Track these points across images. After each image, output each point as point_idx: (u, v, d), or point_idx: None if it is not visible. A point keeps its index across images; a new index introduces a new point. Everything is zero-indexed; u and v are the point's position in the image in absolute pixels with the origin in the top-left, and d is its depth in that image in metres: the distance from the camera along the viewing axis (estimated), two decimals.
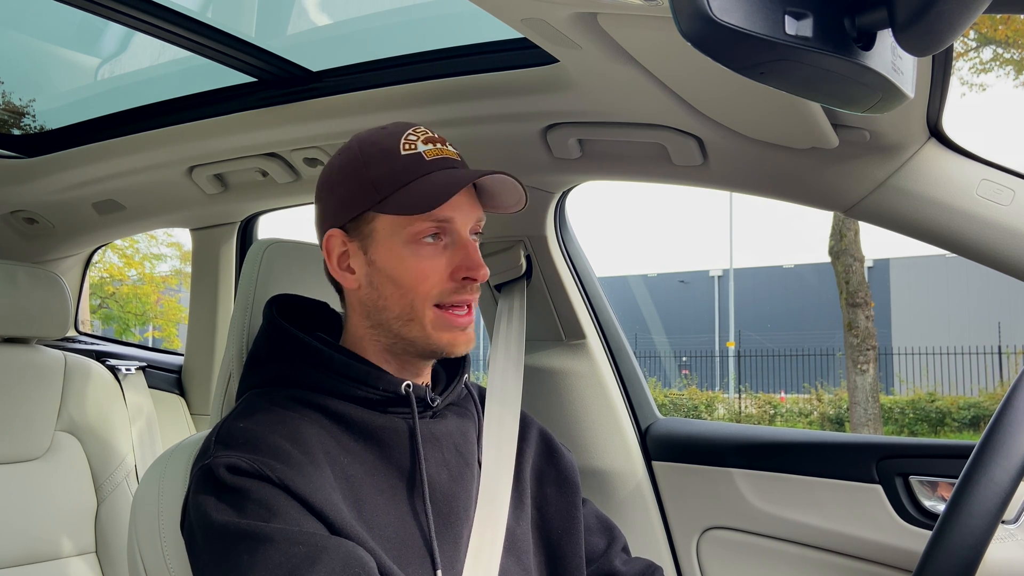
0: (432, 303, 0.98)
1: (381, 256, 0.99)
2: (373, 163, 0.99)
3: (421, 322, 0.98)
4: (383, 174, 0.98)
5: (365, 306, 1.02)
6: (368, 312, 1.02)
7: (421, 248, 0.98)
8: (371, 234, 1.00)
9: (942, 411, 11.03)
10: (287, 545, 0.82)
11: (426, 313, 0.98)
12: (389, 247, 0.99)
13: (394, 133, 1.02)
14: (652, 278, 21.99)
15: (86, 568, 1.69)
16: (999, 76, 12.07)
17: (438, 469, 1.01)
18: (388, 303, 0.99)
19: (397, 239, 0.98)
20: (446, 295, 0.98)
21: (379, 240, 0.99)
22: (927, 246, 1.28)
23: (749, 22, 0.47)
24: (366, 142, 1.02)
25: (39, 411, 1.71)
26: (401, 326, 0.99)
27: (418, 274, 0.98)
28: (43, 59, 1.90)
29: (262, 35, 1.47)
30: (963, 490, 0.92)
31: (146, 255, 12.23)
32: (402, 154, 0.99)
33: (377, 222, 0.99)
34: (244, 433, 0.92)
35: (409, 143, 1.00)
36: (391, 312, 0.99)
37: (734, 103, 1.17)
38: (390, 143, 1.00)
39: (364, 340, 1.03)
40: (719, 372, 17.61)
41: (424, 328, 0.99)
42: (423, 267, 0.98)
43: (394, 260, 0.98)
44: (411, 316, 0.99)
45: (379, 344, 1.02)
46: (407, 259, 0.98)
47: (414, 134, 1.01)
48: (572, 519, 1.14)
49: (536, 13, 0.97)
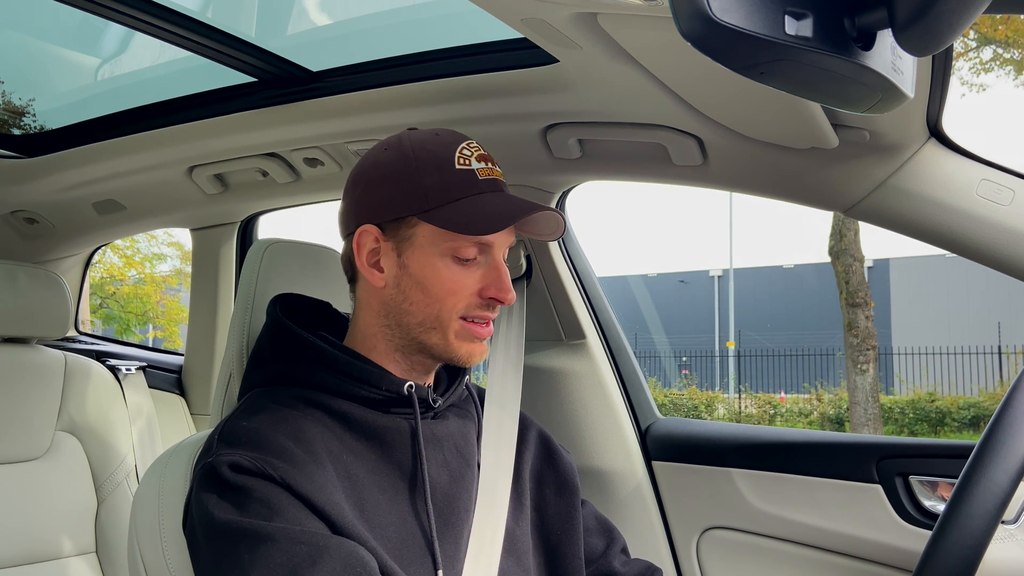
0: (458, 316, 0.99)
1: (415, 262, 0.99)
2: (426, 170, 0.99)
3: (444, 331, 1.00)
4: (435, 184, 0.98)
5: (387, 306, 1.02)
6: (388, 312, 1.02)
7: (457, 263, 0.99)
8: (410, 239, 1.00)
9: (942, 411, 11.03)
10: (289, 544, 0.82)
11: (451, 324, 0.99)
12: (426, 255, 0.99)
13: (449, 143, 1.01)
14: (652, 278, 21.99)
15: (86, 568, 1.69)
16: (999, 76, 12.08)
17: (439, 469, 1.02)
18: (413, 308, 1.00)
19: (435, 250, 0.99)
20: (471, 310, 1.00)
21: (417, 246, 0.99)
22: (927, 246, 1.29)
23: (749, 22, 0.47)
24: (419, 146, 1.01)
25: (39, 411, 1.71)
26: (422, 332, 1.00)
27: (451, 287, 0.98)
28: (43, 59, 1.90)
29: (262, 35, 1.47)
30: (963, 490, 0.92)
31: (146, 255, 12.23)
32: (456, 167, 0.99)
33: (419, 229, 0.99)
34: (247, 432, 0.92)
35: (464, 158, 1.00)
36: (414, 318, 1.00)
37: (734, 103, 1.17)
38: (445, 153, 1.00)
39: (376, 337, 1.03)
40: (719, 372, 17.61)
41: (446, 337, 1.00)
42: (455, 281, 0.99)
43: (428, 269, 0.99)
44: (434, 325, 0.99)
45: (391, 343, 1.03)
46: (442, 271, 0.99)
47: (468, 149, 1.01)
48: (571, 520, 1.14)
49: (536, 13, 0.97)
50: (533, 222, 1.05)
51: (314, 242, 1.21)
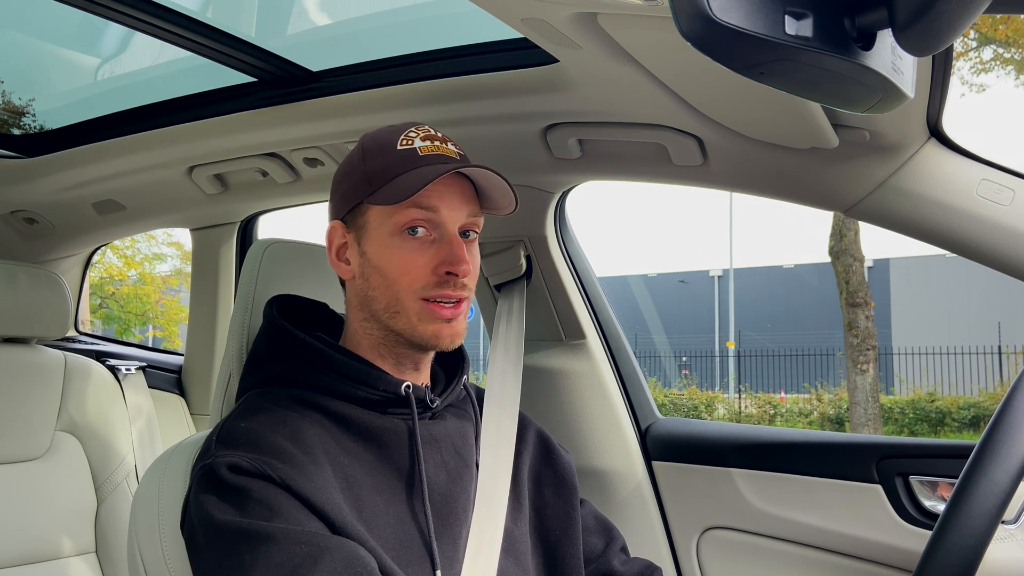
0: (417, 296, 0.99)
1: (371, 247, 1.01)
2: (370, 157, 1.02)
3: (407, 314, 0.99)
4: (377, 167, 1.00)
5: (359, 297, 1.04)
6: (361, 303, 1.04)
7: (406, 241, 0.99)
8: (364, 225, 1.02)
9: (942, 411, 11.03)
10: (289, 544, 0.82)
11: (411, 305, 0.99)
12: (378, 238, 1.01)
13: (396, 130, 1.04)
14: (652, 278, 21.99)
15: (86, 568, 1.69)
16: (999, 76, 12.08)
17: (437, 470, 1.02)
18: (376, 294, 1.01)
19: (384, 230, 1.00)
20: (429, 289, 0.99)
21: (370, 231, 1.01)
22: (927, 246, 1.28)
23: (749, 22, 0.47)
24: (369, 138, 1.05)
25: (39, 411, 1.71)
26: (388, 318, 1.01)
27: (402, 266, 0.99)
28: (43, 59, 1.90)
29: (262, 35, 1.47)
30: (963, 490, 0.92)
31: (146, 255, 12.23)
32: (398, 149, 1.01)
33: (370, 213, 1.01)
34: (245, 433, 0.92)
35: (408, 139, 1.02)
36: (379, 303, 1.01)
37: (734, 103, 1.17)
38: (389, 139, 1.03)
39: (359, 334, 1.04)
40: (719, 372, 17.61)
41: (409, 320, 0.99)
42: (406, 260, 0.99)
43: (381, 251, 1.00)
44: (397, 308, 1.00)
45: (372, 338, 1.03)
46: (392, 251, 1.00)
47: (415, 131, 1.03)
48: (570, 520, 1.14)
49: (536, 13, 0.97)
50: (489, 196, 1.04)
51: (314, 242, 1.21)
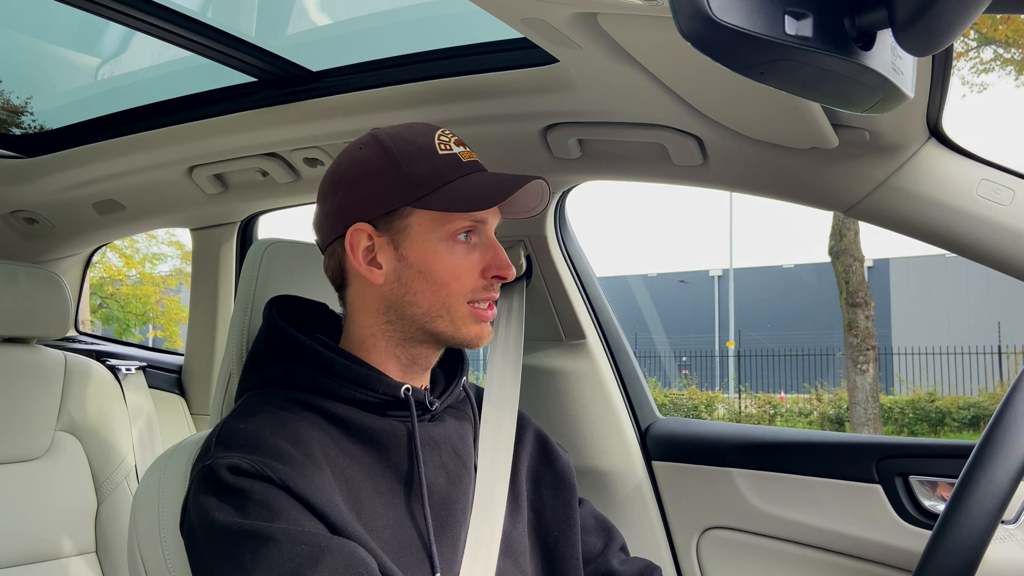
0: (466, 299, 1.00)
1: (415, 252, 0.99)
2: (411, 160, 0.99)
3: (452, 317, 1.00)
4: (424, 171, 0.99)
5: (387, 301, 1.01)
6: (389, 307, 1.01)
7: (456, 246, 1.00)
8: (405, 229, 1.00)
9: (942, 411, 11.02)
10: (290, 544, 0.82)
11: (459, 309, 1.00)
12: (425, 243, 0.99)
13: (425, 132, 1.02)
14: (652, 278, 21.99)
15: (86, 568, 1.69)
16: (999, 76, 12.08)
17: (436, 472, 1.01)
18: (418, 299, 1.00)
19: (433, 236, 0.99)
20: (477, 292, 1.01)
21: (414, 236, 0.99)
22: (927, 246, 1.28)
23: (749, 22, 0.47)
24: (398, 139, 1.01)
25: (39, 411, 1.71)
26: (428, 321, 1.00)
27: (454, 271, 0.99)
28: (43, 59, 1.90)
29: (262, 35, 1.47)
30: (963, 490, 0.92)
31: (146, 255, 12.23)
32: (440, 153, 1.01)
33: (413, 218, 0.99)
34: (245, 434, 0.92)
35: (443, 143, 1.02)
36: (420, 308, 1.00)
37: (734, 103, 1.17)
38: (425, 142, 1.01)
39: (375, 336, 1.03)
40: (719, 372, 17.61)
41: (454, 322, 1.00)
42: (458, 264, 1.00)
43: (431, 256, 0.99)
44: (441, 312, 1.00)
45: (392, 339, 1.02)
46: (444, 256, 0.99)
47: (445, 136, 1.03)
48: (568, 521, 1.14)
49: (536, 13, 0.97)
50: (519, 199, 1.07)
51: (314, 242, 1.21)
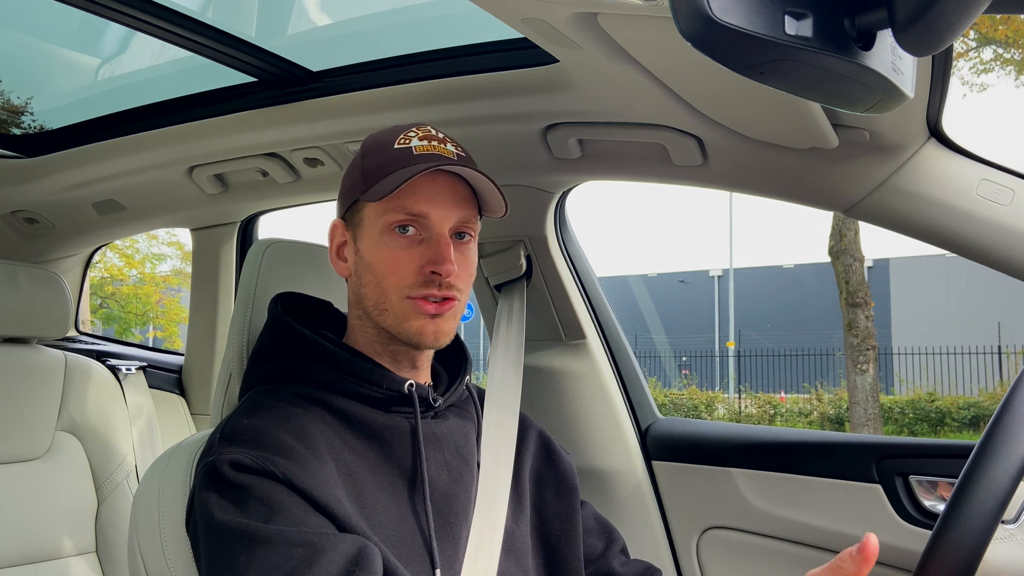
0: (404, 295, 1.00)
1: (365, 245, 1.03)
2: (368, 155, 1.03)
3: (393, 311, 1.00)
4: (373, 164, 1.02)
5: (354, 295, 1.05)
6: (356, 301, 1.05)
7: (395, 239, 1.00)
8: (360, 223, 1.04)
9: (942, 411, 11.03)
10: (285, 547, 0.82)
11: (397, 303, 1.00)
12: (371, 236, 1.02)
13: (398, 130, 1.05)
14: (652, 278, 21.99)
15: (86, 568, 1.69)
16: (999, 76, 12.08)
17: (438, 469, 1.02)
18: (367, 291, 1.02)
19: (376, 228, 1.01)
20: (415, 288, 0.99)
21: (364, 229, 1.03)
22: (927, 246, 1.28)
23: (749, 22, 0.47)
24: (371, 138, 1.07)
25: (39, 411, 1.71)
26: (377, 315, 1.02)
27: (389, 264, 1.00)
28: (43, 59, 1.90)
29: (262, 35, 1.47)
30: (963, 490, 0.92)
31: (147, 255, 12.23)
32: (394, 147, 1.02)
33: (364, 211, 1.03)
34: (248, 429, 0.92)
35: (405, 138, 1.03)
36: (369, 300, 1.02)
37: (734, 103, 1.17)
38: (388, 138, 1.04)
39: (356, 331, 1.06)
40: (719, 372, 17.61)
41: (396, 317, 1.00)
42: (394, 257, 1.00)
43: (373, 249, 1.01)
44: (384, 305, 1.01)
45: (367, 335, 1.04)
46: (382, 248, 1.01)
47: (414, 131, 1.04)
48: (570, 521, 1.14)
49: (536, 13, 0.97)
50: (485, 198, 1.04)
51: (314, 242, 1.21)
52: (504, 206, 1.04)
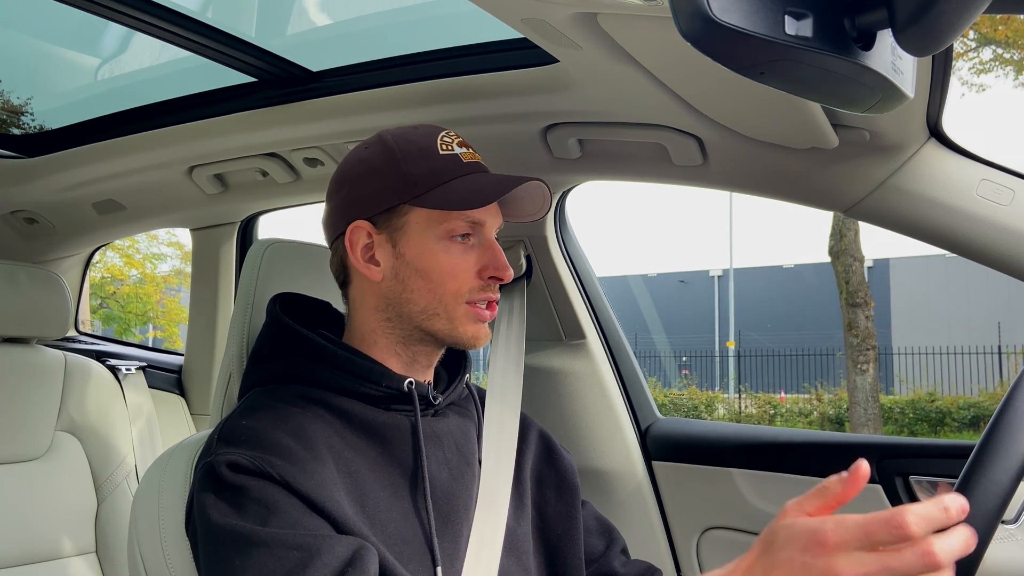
0: (463, 299, 1.00)
1: (412, 249, 1.01)
2: (412, 159, 1.01)
3: (448, 316, 1.00)
4: (423, 171, 1.00)
5: (386, 299, 1.02)
6: (388, 304, 1.02)
7: (452, 246, 1.00)
8: (403, 227, 1.01)
9: (942, 411, 11.03)
10: (281, 550, 0.82)
11: (455, 308, 1.00)
12: (422, 241, 1.00)
13: (429, 133, 1.04)
14: (652, 278, 21.99)
15: (86, 568, 1.69)
16: (999, 76, 12.08)
17: (439, 467, 1.02)
18: (414, 296, 1.01)
19: (430, 234, 1.00)
20: (474, 292, 1.01)
21: (411, 233, 1.01)
22: (927, 246, 1.28)
23: (749, 22, 0.47)
24: (401, 139, 1.03)
25: (39, 411, 1.71)
26: (425, 319, 1.01)
27: (450, 270, 1.00)
28: (43, 59, 1.90)
29: (262, 35, 1.47)
30: (963, 490, 0.92)
31: (147, 255, 12.24)
32: (440, 153, 1.01)
33: (411, 216, 1.00)
34: (247, 430, 0.92)
35: (445, 144, 1.03)
36: (416, 305, 1.01)
37: (734, 103, 1.17)
38: (427, 142, 1.03)
39: (375, 333, 1.04)
40: (719, 372, 17.61)
41: (452, 322, 1.01)
42: (454, 264, 1.00)
43: (426, 255, 1.00)
44: (437, 311, 1.00)
45: (392, 336, 1.03)
46: (439, 255, 1.00)
47: (448, 136, 1.04)
48: (571, 521, 1.14)
49: (536, 13, 0.97)
50: (520, 202, 1.07)
51: (314, 242, 1.21)
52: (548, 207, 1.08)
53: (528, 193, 1.05)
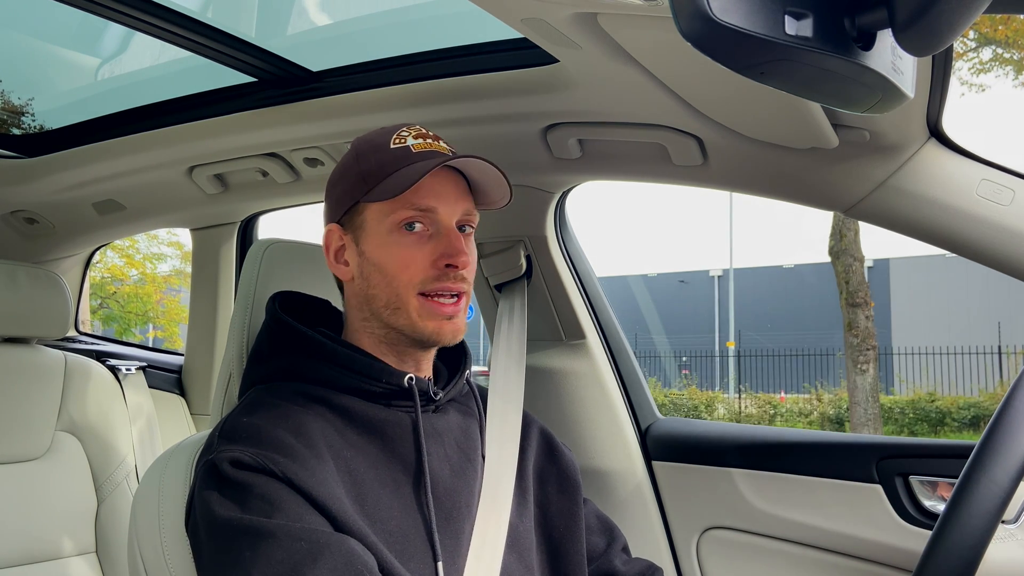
0: (416, 291, 1.00)
1: (370, 246, 1.02)
2: (363, 157, 1.03)
3: (407, 310, 1.00)
4: (371, 166, 1.02)
5: (359, 297, 1.04)
6: (361, 303, 1.04)
7: (404, 236, 1.00)
8: (361, 225, 1.03)
9: (942, 411, 11.03)
10: (289, 541, 0.82)
11: (411, 301, 1.00)
12: (376, 236, 1.01)
13: (388, 131, 1.05)
14: (652, 278, 22.00)
15: (86, 568, 1.69)
16: (999, 76, 12.07)
17: (440, 463, 1.02)
18: (377, 292, 1.01)
19: (382, 228, 1.01)
20: (428, 283, 1.00)
21: (368, 230, 1.02)
22: (927, 246, 1.29)
23: (749, 22, 0.47)
24: (362, 140, 1.06)
25: (39, 411, 1.71)
26: (389, 315, 1.01)
27: (400, 261, 1.00)
28: (43, 59, 1.90)
29: (262, 35, 1.47)
30: (963, 490, 0.92)
31: (147, 255, 12.23)
32: (391, 147, 1.02)
33: (367, 213, 1.02)
34: (248, 428, 0.92)
35: (400, 138, 1.03)
36: (379, 301, 1.01)
37: (734, 103, 1.17)
38: (382, 139, 1.04)
39: (360, 333, 1.05)
40: (719, 372, 17.61)
41: (410, 316, 1.00)
42: (404, 255, 1.00)
43: (380, 249, 1.01)
44: (397, 304, 1.00)
45: (374, 336, 1.04)
46: (391, 247, 1.00)
47: (407, 131, 1.05)
48: (574, 518, 1.14)
49: (536, 13, 0.97)
50: (486, 190, 1.06)
51: (314, 242, 1.21)
52: (509, 193, 1.05)
53: (486, 176, 1.03)
